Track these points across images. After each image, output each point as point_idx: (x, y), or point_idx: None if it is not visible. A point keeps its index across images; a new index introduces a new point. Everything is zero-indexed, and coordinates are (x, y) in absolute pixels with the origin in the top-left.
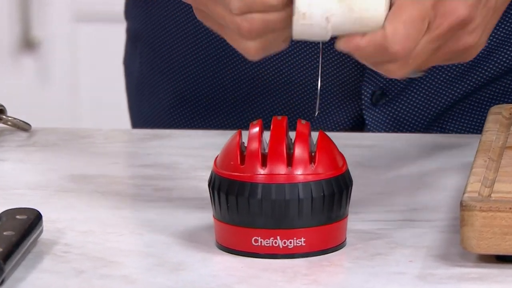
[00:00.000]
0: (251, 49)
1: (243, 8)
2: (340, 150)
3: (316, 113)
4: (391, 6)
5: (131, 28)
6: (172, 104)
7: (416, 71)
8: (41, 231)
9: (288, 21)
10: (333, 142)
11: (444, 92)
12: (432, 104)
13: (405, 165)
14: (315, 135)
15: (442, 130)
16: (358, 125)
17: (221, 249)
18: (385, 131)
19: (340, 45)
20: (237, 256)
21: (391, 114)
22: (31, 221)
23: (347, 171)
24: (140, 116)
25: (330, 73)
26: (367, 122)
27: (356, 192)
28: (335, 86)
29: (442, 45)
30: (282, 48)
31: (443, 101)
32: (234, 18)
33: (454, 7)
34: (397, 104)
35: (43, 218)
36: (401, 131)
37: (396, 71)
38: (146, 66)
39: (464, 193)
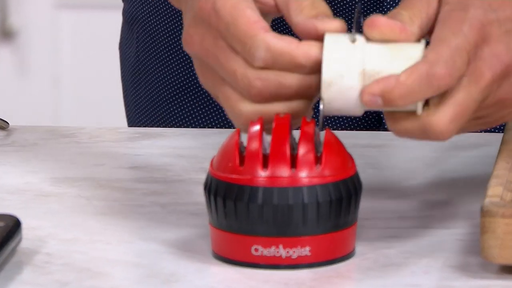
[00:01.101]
0: (248, 113)
1: (268, 60)
2: (348, 151)
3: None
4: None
5: (128, 10)
6: (171, 94)
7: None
8: (20, 240)
9: (303, 91)
10: (341, 142)
11: None
12: None
13: (420, 166)
14: (321, 134)
15: None
16: (374, 123)
17: (218, 259)
18: None
19: (372, 89)
20: (235, 266)
21: None
22: (9, 228)
23: (356, 174)
24: (136, 107)
25: None
26: (384, 120)
27: (366, 196)
28: None
29: (487, 97)
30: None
31: None
32: (248, 74)
33: (498, 52)
34: None
35: (22, 225)
36: None
37: (447, 124)
38: (143, 52)
39: (485, 198)
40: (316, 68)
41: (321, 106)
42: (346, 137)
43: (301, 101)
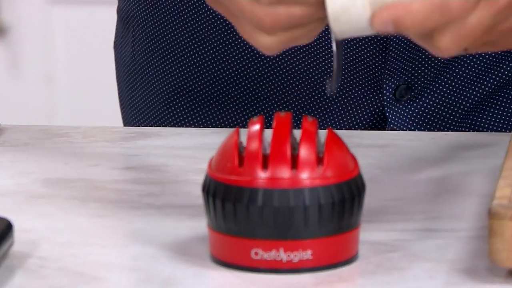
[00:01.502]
0: (269, 45)
1: None
2: (351, 151)
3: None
4: None
5: (123, 8)
6: (168, 95)
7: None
8: (12, 243)
9: (315, 15)
10: (343, 142)
11: (476, 84)
12: (463, 98)
13: (426, 167)
14: (323, 133)
15: (474, 127)
16: (380, 123)
17: (216, 263)
18: (411, 129)
19: (382, 16)
20: (234, 271)
21: (417, 110)
22: (0, 231)
23: (360, 175)
24: (132, 107)
25: (347, 64)
26: (390, 119)
27: (369, 198)
28: (353, 78)
29: (500, 22)
30: (304, 43)
31: (475, 93)
32: (256, 10)
33: None
34: (423, 99)
35: (14, 228)
36: (430, 130)
37: (448, 45)
38: (139, 52)
39: (493, 199)
40: None
41: (332, 36)
42: (348, 136)
43: (316, 23)
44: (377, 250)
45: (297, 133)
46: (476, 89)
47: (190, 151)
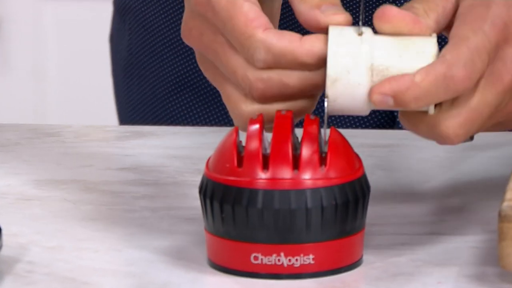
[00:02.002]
0: (251, 114)
1: (269, 61)
2: (356, 151)
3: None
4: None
5: None
6: (166, 90)
7: (467, 138)
8: (0, 247)
9: (310, 85)
10: (347, 141)
11: None
12: None
13: (433, 168)
14: (326, 132)
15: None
16: (388, 122)
17: (214, 268)
18: None
19: (383, 89)
20: (233, 276)
21: None
22: None
23: (364, 176)
24: (128, 104)
25: None
26: (398, 119)
27: (374, 200)
28: None
29: (508, 102)
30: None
31: None
32: (248, 74)
33: None
34: None
35: (3, 232)
36: None
37: (457, 130)
38: (136, 45)
39: (503, 202)
40: (321, 65)
41: (326, 104)
42: (353, 135)
43: (305, 99)
44: (383, 255)
45: (299, 132)
46: None
47: (187, 151)
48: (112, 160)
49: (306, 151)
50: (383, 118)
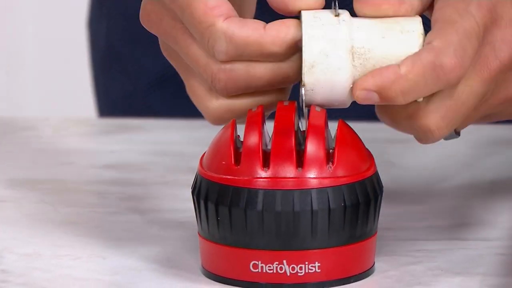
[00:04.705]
0: (215, 110)
1: (231, 53)
2: (366, 146)
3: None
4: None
5: None
6: (148, 84)
7: (452, 134)
8: None
9: (277, 81)
10: (357, 136)
11: None
12: None
13: (453, 166)
14: (334, 126)
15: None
16: None
17: (208, 277)
18: None
19: (366, 84)
20: (230, 286)
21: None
22: None
23: (376, 174)
24: (108, 96)
25: None
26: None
27: (387, 201)
28: None
29: (494, 91)
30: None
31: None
32: (211, 65)
33: (508, 39)
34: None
35: None
36: None
37: (439, 123)
38: (115, 33)
39: None
40: (290, 53)
41: (302, 93)
42: (363, 130)
43: (276, 93)
44: (397, 263)
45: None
46: None
47: (178, 146)
48: (94, 157)
49: (311, 147)
50: None
